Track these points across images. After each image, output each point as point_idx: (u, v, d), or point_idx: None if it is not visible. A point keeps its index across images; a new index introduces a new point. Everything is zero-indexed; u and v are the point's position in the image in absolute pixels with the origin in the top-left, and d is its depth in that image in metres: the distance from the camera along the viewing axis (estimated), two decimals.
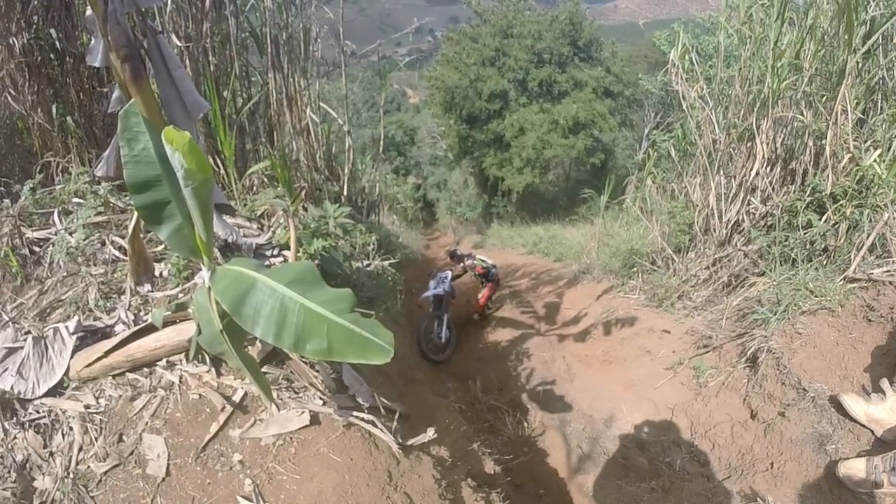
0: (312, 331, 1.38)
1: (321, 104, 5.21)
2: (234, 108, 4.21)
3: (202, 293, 1.60)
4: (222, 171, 3.74)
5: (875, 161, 3.66)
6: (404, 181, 23.91)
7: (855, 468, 2.56)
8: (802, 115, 4.20)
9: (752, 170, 4.51)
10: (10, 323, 2.31)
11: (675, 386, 3.82)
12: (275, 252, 2.91)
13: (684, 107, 5.27)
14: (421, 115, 29.02)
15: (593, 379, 4.46)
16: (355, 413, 2.27)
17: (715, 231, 4.84)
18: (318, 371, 2.44)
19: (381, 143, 6.60)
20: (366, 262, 3.87)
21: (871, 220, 3.62)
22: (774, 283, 3.85)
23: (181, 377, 2.23)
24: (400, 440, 2.30)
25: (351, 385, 2.44)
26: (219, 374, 2.29)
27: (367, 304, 3.32)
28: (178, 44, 3.63)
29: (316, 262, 2.84)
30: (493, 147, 20.17)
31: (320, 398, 2.31)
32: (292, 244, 2.46)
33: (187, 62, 3.71)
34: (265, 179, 4.09)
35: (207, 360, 2.29)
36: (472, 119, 20.17)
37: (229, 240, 2.71)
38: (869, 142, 3.95)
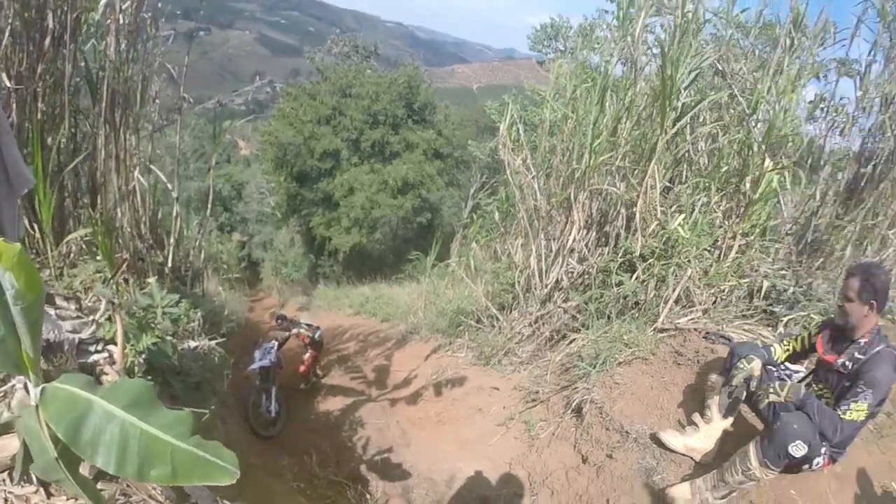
0: (156, 457, 1.36)
1: (152, 167, 4.82)
2: (58, 161, 3.79)
3: (30, 415, 1.46)
4: (37, 234, 3.38)
5: (679, 224, 4.19)
6: (229, 238, 22.73)
7: (681, 492, 2.92)
8: (616, 186, 4.73)
9: (570, 234, 4.92)
10: None
11: (509, 440, 3.90)
12: (99, 347, 2.62)
13: (508, 173, 5.63)
14: (251, 170, 27.77)
15: (428, 441, 4.42)
16: None
17: (536, 290, 5.17)
18: None
19: (210, 203, 5.94)
20: (192, 344, 3.66)
21: (675, 276, 4.13)
22: (593, 339, 4.14)
23: (6, 500, 1.90)
24: None
25: (192, 492, 2.26)
26: (49, 494, 1.97)
27: (194, 390, 3.21)
28: (8, 84, 3.34)
29: (143, 357, 2.74)
30: (321, 206, 20.01)
31: None
32: (119, 342, 2.32)
33: (14, 107, 3.39)
34: (84, 245, 3.76)
35: (34, 479, 1.95)
36: (303, 177, 19.93)
37: (50, 337, 2.39)
38: (674, 207, 4.55)
